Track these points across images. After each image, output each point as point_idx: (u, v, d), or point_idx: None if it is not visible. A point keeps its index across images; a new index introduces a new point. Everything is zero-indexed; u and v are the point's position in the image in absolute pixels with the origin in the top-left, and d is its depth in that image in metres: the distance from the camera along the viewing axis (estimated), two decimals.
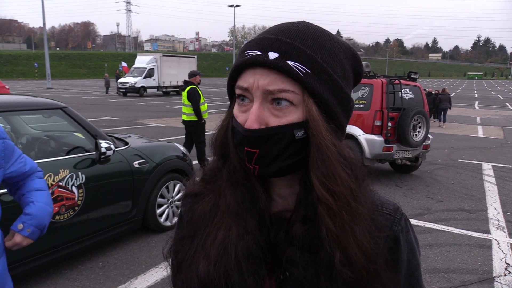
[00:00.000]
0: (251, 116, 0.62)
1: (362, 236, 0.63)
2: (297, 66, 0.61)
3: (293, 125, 0.63)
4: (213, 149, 0.74)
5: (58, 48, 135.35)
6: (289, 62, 0.61)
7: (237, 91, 0.66)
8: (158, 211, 4.23)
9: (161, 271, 3.52)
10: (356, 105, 6.88)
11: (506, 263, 3.92)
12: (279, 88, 0.62)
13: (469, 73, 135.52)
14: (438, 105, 15.11)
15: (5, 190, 2.81)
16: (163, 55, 29.63)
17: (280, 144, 0.63)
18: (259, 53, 0.63)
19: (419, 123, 6.91)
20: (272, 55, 0.62)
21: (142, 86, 27.14)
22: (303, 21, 0.69)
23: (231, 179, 0.70)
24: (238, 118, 0.66)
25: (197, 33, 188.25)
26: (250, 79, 0.63)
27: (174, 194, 4.41)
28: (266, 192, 0.71)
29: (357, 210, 0.63)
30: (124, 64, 37.49)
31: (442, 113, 15.11)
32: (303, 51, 0.62)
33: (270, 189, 0.71)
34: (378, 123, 6.64)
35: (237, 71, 0.66)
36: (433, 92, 16.31)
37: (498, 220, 5.10)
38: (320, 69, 0.63)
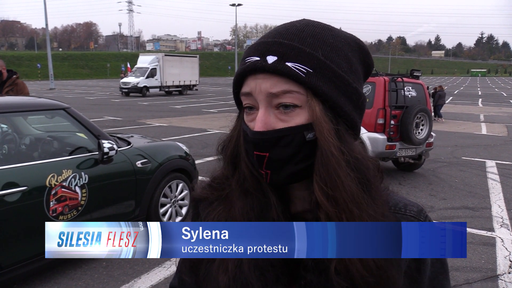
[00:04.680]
0: (257, 123, 0.62)
1: None
2: (297, 66, 0.60)
3: (302, 126, 0.61)
4: (223, 158, 0.74)
5: (60, 49, 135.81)
6: (289, 64, 0.60)
7: (243, 99, 0.66)
8: (161, 210, 4.24)
9: (164, 271, 3.52)
10: None
11: (510, 260, 3.91)
12: (282, 89, 0.61)
13: (472, 70, 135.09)
14: (436, 101, 15.23)
15: (9, 191, 2.84)
16: (165, 55, 29.67)
17: (290, 147, 0.62)
18: (258, 58, 0.62)
19: (422, 121, 6.88)
20: (271, 59, 0.61)
21: (145, 86, 27.18)
22: (303, 19, 0.68)
23: (241, 188, 0.69)
24: (248, 125, 0.66)
25: (199, 33, 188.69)
26: (252, 84, 0.63)
27: (177, 193, 4.42)
28: (284, 194, 0.69)
29: (360, 217, 0.60)
30: (128, 65, 37.53)
31: (437, 109, 15.25)
32: (302, 50, 0.61)
33: (289, 191, 0.70)
34: (380, 121, 6.62)
35: (239, 79, 0.66)
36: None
37: (502, 218, 5.09)
38: (323, 66, 0.61)
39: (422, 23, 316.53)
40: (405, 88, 6.88)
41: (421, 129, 6.90)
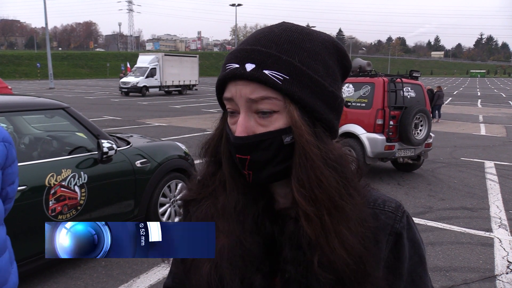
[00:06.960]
0: (238, 128, 0.65)
1: (348, 238, 0.63)
2: (274, 74, 0.62)
3: (280, 131, 0.64)
4: (206, 155, 0.77)
5: (60, 48, 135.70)
6: (266, 72, 0.62)
7: (225, 104, 0.69)
8: (160, 210, 4.24)
9: (163, 270, 3.53)
10: (357, 104, 6.88)
11: (508, 261, 3.92)
12: (260, 95, 0.63)
13: (471, 71, 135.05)
14: (435, 102, 15.28)
15: None
16: (165, 55, 29.64)
17: (269, 150, 0.65)
18: (237, 65, 0.64)
19: (421, 121, 6.89)
20: (249, 67, 0.63)
21: (144, 86, 27.16)
22: (282, 23, 0.70)
23: (223, 185, 0.73)
24: (231, 128, 0.69)
25: (199, 32, 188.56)
26: (233, 90, 0.66)
27: (176, 193, 4.42)
28: (269, 192, 0.72)
29: (343, 211, 0.64)
30: (127, 65, 37.48)
31: (437, 109, 15.32)
32: (279, 57, 0.63)
33: (273, 189, 0.73)
34: (379, 121, 6.63)
35: (221, 84, 0.68)
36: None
37: (500, 218, 5.10)
38: (299, 73, 0.63)
39: (421, 24, 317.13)
40: (404, 89, 6.89)
41: (420, 130, 6.91)
